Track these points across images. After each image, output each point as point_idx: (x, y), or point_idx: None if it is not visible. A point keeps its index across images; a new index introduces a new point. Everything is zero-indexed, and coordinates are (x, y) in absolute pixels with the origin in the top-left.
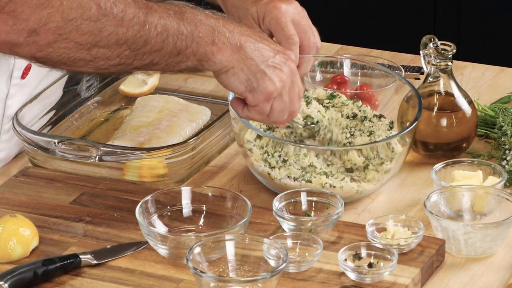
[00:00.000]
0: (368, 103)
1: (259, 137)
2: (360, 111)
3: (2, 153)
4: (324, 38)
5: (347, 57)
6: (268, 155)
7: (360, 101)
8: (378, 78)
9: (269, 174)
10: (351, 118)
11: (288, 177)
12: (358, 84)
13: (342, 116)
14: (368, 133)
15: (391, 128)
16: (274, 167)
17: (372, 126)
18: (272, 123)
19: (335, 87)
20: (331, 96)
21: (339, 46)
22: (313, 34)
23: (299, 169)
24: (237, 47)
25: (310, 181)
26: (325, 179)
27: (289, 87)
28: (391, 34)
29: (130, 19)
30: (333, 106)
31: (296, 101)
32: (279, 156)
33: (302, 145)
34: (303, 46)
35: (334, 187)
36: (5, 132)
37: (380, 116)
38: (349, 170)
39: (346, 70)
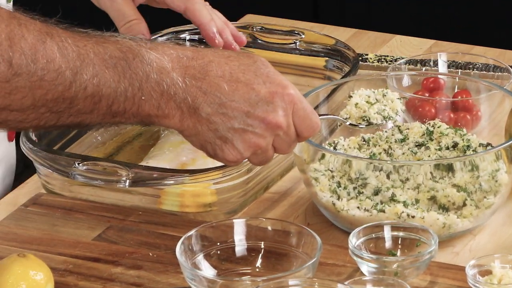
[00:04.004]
0: (468, 114)
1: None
2: (463, 140)
3: None
4: (414, 32)
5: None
6: (339, 186)
7: (464, 129)
8: (481, 83)
9: (333, 204)
10: (451, 149)
11: (358, 207)
12: (455, 90)
13: (440, 148)
14: (470, 167)
15: (498, 159)
16: (341, 198)
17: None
18: None
19: (426, 94)
20: (429, 132)
21: (432, 41)
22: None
23: (371, 199)
24: (191, 111)
25: (383, 211)
26: (402, 207)
27: (268, 143)
28: (498, 27)
29: (53, 79)
30: (431, 139)
31: (286, 150)
32: (354, 188)
33: (373, 160)
34: None
35: (413, 217)
36: None
37: (488, 145)
38: (444, 208)
39: (442, 71)
